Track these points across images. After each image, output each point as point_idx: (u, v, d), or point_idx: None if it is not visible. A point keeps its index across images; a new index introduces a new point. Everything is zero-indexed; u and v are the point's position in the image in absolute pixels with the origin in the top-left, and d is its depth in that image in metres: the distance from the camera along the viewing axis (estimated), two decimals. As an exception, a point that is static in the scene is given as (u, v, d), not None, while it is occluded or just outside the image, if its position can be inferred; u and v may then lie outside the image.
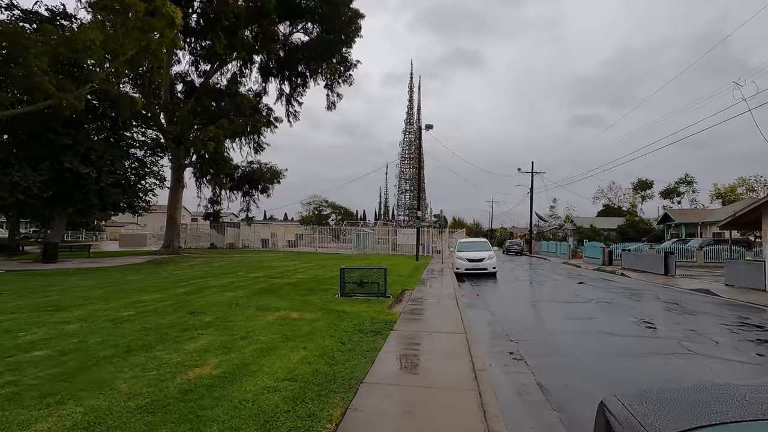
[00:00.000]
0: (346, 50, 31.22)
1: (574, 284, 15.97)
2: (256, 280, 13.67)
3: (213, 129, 22.28)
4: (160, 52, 18.10)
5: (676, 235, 39.49)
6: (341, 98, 32.85)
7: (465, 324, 7.76)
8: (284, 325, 7.12)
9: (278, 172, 33.69)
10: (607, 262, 28.20)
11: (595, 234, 40.17)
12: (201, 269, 17.39)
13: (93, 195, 19.85)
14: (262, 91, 32.55)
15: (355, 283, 10.95)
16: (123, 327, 6.73)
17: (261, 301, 9.39)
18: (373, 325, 7.29)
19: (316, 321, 7.54)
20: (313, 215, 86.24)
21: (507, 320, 8.85)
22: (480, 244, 20.39)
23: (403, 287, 12.81)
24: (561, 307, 10.55)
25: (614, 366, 5.74)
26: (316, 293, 10.98)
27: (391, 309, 9.11)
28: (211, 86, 29.05)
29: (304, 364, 5.00)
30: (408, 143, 65.40)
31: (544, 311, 10.11)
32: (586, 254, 32.08)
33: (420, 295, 11.46)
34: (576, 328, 8.16)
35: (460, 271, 18.52)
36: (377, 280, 10.90)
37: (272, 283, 12.93)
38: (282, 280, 13.84)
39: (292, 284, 12.72)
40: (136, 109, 18.26)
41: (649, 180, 54.64)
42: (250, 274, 15.58)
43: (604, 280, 17.74)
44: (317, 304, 9.25)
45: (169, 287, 11.53)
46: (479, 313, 9.70)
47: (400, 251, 35.95)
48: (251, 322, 7.23)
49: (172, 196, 27.72)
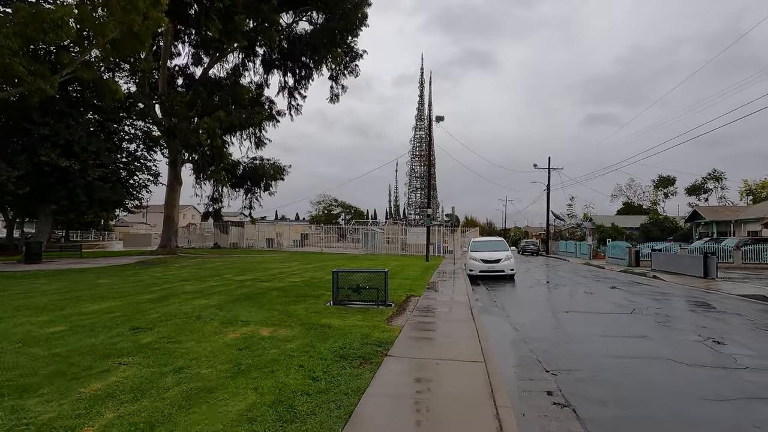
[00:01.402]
0: (352, 39, 29.53)
1: (604, 289, 14.02)
2: (241, 284, 12.03)
3: (208, 121, 20.78)
4: (145, 34, 16.61)
5: (705, 233, 36.94)
6: (346, 90, 31.18)
7: (483, 345, 5.98)
8: (245, 348, 5.43)
9: (282, 168, 32.19)
10: (634, 263, 26.04)
11: (617, 233, 37.82)
12: (188, 271, 15.86)
13: (80, 191, 18.49)
14: (263, 83, 31.05)
15: (351, 289, 9.24)
16: (28, 351, 5.11)
17: (232, 312, 7.72)
18: (363, 348, 5.56)
19: (290, 341, 5.84)
20: (322, 215, 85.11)
21: (535, 338, 7.03)
22: (496, 243, 18.49)
23: (409, 292, 11.06)
24: (599, 320, 8.67)
25: (708, 416, 3.91)
26: (305, 301, 9.29)
27: (390, 323, 7.37)
28: (209, 78, 27.63)
29: (242, 424, 3.30)
30: (419, 140, 63.62)
31: (579, 325, 8.25)
32: (610, 254, 29.90)
33: (428, 303, 9.68)
34: (627, 350, 6.31)
35: (474, 274, 16.69)
36: (376, 286, 9.18)
37: (258, 287, 11.28)
38: (271, 283, 12.19)
39: (281, 289, 11.05)
40: (117, 96, 16.85)
41: (671, 176, 51.86)
42: (239, 276, 13.98)
43: (637, 284, 15.73)
44: (300, 316, 7.56)
45: (135, 293, 9.95)
46: (499, 328, 7.89)
47: (410, 251, 34.17)
48: (203, 344, 5.55)
49: (169, 193, 26.32)
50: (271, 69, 31.57)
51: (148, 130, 22.04)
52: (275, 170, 31.42)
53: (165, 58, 26.93)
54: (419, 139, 63.72)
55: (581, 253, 37.14)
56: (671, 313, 9.42)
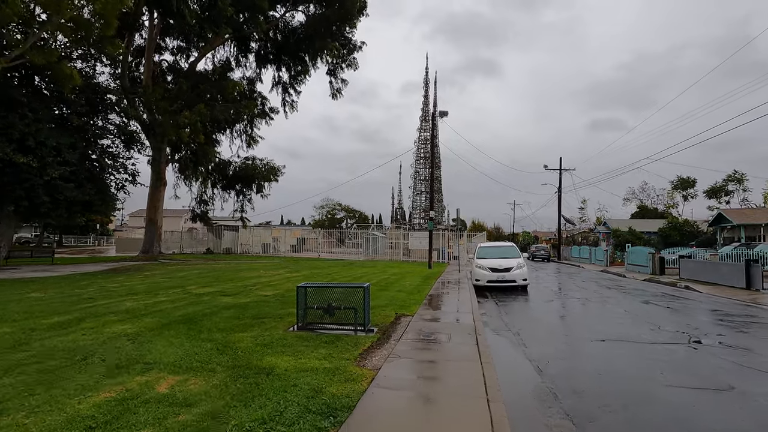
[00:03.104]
0: (350, 30, 27.58)
1: (637, 304, 11.74)
2: (197, 299, 9.95)
3: (188, 115, 18.87)
4: (110, 13, 14.73)
5: (731, 238, 34.32)
6: (346, 84, 29.26)
7: (493, 410, 3.82)
8: (103, 424, 3.32)
9: (276, 168, 30.22)
10: (658, 271, 23.63)
11: (636, 238, 35.30)
12: (150, 282, 13.82)
13: (40, 190, 16.60)
14: (256, 77, 29.20)
15: (322, 308, 7.12)
16: None
17: (144, 347, 5.62)
18: (301, 421, 3.44)
19: (192, 404, 3.72)
20: (326, 219, 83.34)
21: (568, 389, 4.84)
22: (506, 250, 16.25)
23: (401, 310, 8.93)
24: (649, 354, 6.44)
25: None
26: (260, 325, 7.18)
27: (362, 362, 5.24)
28: (198, 72, 25.79)
29: None
30: (423, 141, 61.42)
31: (624, 363, 6.03)
32: (630, 261, 27.45)
33: (421, 326, 7.51)
34: (718, 417, 4.10)
35: (481, 284, 14.49)
36: (354, 306, 7.04)
37: (213, 305, 9.19)
38: (233, 299, 10.09)
39: (240, 306, 8.96)
40: (75, 83, 14.95)
41: (691, 177, 48.98)
42: (203, 289, 11.90)
43: (672, 297, 13.42)
44: (238, 352, 5.45)
45: (48, 313, 7.89)
46: (516, 368, 5.71)
47: (413, 257, 31.96)
48: (41, 416, 3.44)
49: (151, 194, 24.45)
50: (265, 64, 29.73)
51: (122, 125, 20.12)
52: (268, 171, 29.46)
53: (150, 52, 25.17)
54: (424, 140, 61.47)
55: (597, 260, 34.70)
56: (743, 343, 7.15)
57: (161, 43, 28.17)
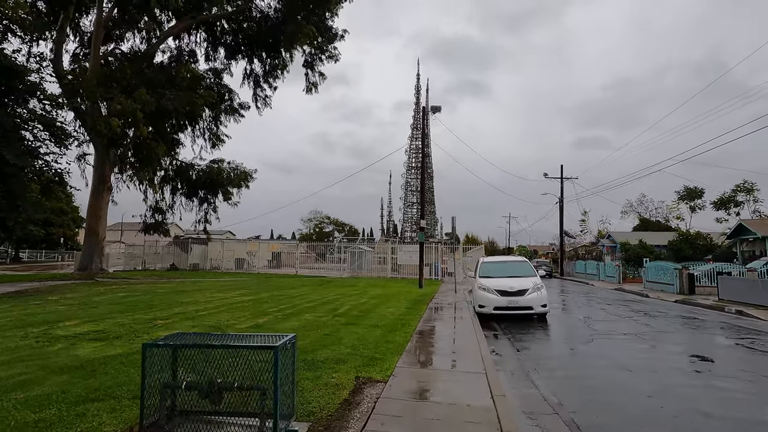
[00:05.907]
0: (330, 16, 24.43)
1: (706, 341, 8.26)
2: (37, 350, 6.28)
3: (123, 101, 15.33)
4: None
5: (751, 252, 31.26)
6: (325, 78, 25.93)
7: None
8: None
9: (247, 173, 26.64)
10: (687, 289, 20.30)
11: (647, 251, 32.05)
12: (22, 312, 10.10)
13: None
14: (225, 69, 25.86)
15: (197, 389, 3.49)
16: None
17: None
18: None
19: None
20: (313, 232, 79.72)
21: None
22: (517, 266, 12.72)
23: (366, 369, 5.38)
24: None
25: None
26: (74, 422, 3.57)
27: None
28: (150, 60, 22.33)
29: None
30: (415, 150, 58.37)
31: None
32: (648, 278, 24.16)
33: (397, 410, 3.90)
34: None
35: (486, 311, 10.96)
36: (261, 386, 3.42)
37: (47, 363, 5.53)
38: (97, 348, 6.43)
39: (87, 368, 5.33)
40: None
41: (699, 188, 46.15)
42: (78, 328, 8.17)
43: (738, 329, 9.97)
44: None
45: None
46: None
47: (402, 273, 28.34)
48: None
49: (93, 200, 20.67)
50: (235, 55, 26.40)
51: (48, 117, 16.53)
52: (238, 176, 25.86)
53: (97, 38, 21.69)
54: (415, 149, 58.47)
55: (606, 276, 31.41)
56: None
57: (118, 32, 24.85)
